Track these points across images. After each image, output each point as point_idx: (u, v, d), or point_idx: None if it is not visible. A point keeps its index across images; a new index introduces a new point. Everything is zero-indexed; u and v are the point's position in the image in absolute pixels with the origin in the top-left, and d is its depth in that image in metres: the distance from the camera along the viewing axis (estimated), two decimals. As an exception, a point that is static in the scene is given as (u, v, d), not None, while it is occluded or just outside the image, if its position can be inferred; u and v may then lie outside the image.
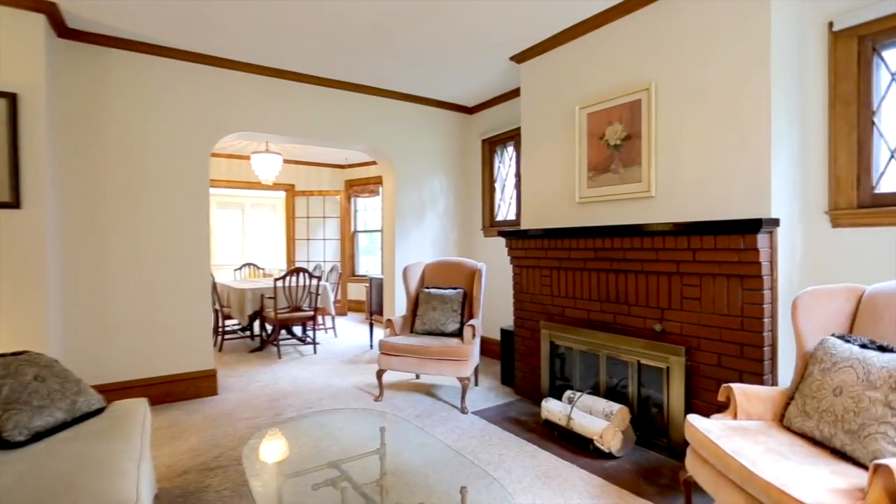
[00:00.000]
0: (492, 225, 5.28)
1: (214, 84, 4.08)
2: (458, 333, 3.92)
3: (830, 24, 2.66)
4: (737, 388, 2.06)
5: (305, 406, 3.73)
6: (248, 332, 6.21)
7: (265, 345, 5.77)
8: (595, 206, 3.38)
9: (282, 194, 10.87)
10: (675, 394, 2.71)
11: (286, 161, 8.46)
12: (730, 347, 2.51)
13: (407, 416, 3.48)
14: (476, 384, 4.20)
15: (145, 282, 3.86)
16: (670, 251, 2.72)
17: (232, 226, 11.61)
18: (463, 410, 3.55)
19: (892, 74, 2.55)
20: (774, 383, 2.45)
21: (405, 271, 4.30)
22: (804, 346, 2.07)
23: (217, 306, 5.77)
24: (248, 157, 7.85)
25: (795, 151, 2.67)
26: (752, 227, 2.34)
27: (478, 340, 3.92)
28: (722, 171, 2.68)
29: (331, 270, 6.73)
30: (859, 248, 2.52)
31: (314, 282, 5.54)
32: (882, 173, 2.57)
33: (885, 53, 2.56)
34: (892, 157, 2.54)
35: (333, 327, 6.52)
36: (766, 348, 2.39)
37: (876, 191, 2.57)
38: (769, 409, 2.05)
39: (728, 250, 2.47)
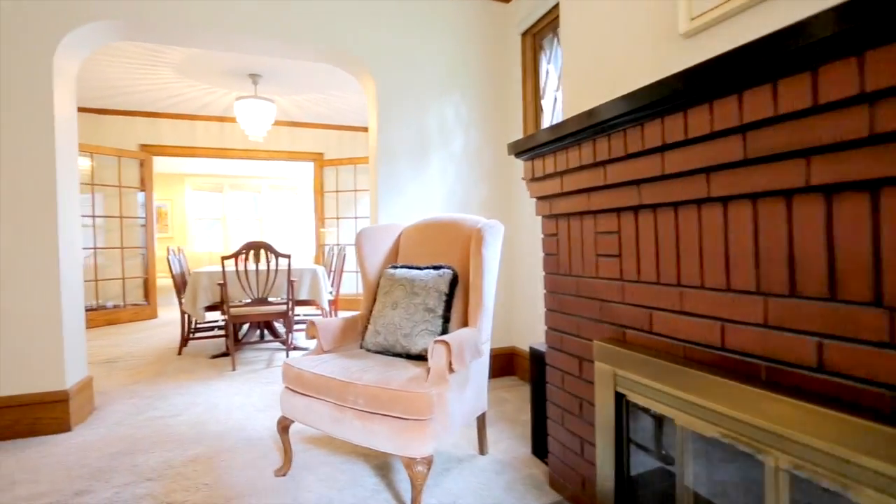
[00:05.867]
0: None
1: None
2: (434, 356, 1.97)
3: None
4: None
5: (154, 473, 2.03)
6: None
7: (237, 347, 4.26)
8: (727, 30, 1.24)
9: (303, 174, 9.30)
10: None
11: (313, 125, 7.02)
12: None
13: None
14: (484, 451, 2.20)
15: (-54, 251, 2.43)
16: None
17: (246, 212, 10.53)
18: (413, 534, 1.61)
19: None
20: None
21: (358, 239, 2.43)
22: None
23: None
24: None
25: None
26: None
27: (471, 374, 1.94)
28: None
29: (337, 254, 5.08)
30: None
31: (284, 263, 3.88)
32: None
33: None
34: None
35: (338, 328, 4.85)
36: None
37: None
38: None
39: None
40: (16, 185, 2.51)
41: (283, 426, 2.01)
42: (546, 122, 3.17)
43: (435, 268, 2.18)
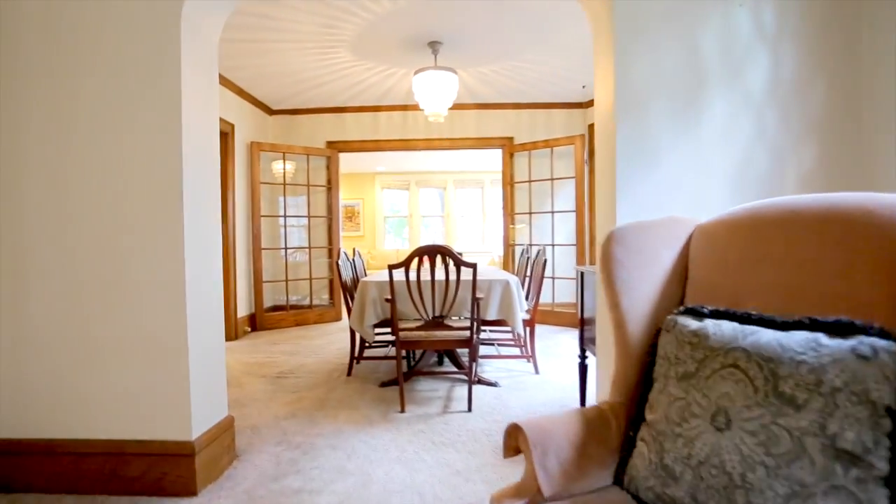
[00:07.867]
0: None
1: None
2: None
3: None
4: None
5: None
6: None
7: (410, 375, 3.45)
8: None
9: (489, 164, 8.19)
10: None
11: (500, 106, 6.04)
12: None
13: None
14: None
15: (75, 272, 1.98)
16: None
17: (432, 209, 9.99)
18: None
19: None
20: None
21: (607, 249, 1.20)
22: None
23: (350, 306, 3.76)
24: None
25: None
26: None
27: None
28: None
29: (535, 257, 3.94)
30: None
31: (467, 273, 2.87)
32: None
33: None
34: None
35: (533, 356, 3.72)
36: None
37: None
38: None
39: None
40: (132, 181, 1.95)
41: None
42: None
43: (837, 329, 0.83)
